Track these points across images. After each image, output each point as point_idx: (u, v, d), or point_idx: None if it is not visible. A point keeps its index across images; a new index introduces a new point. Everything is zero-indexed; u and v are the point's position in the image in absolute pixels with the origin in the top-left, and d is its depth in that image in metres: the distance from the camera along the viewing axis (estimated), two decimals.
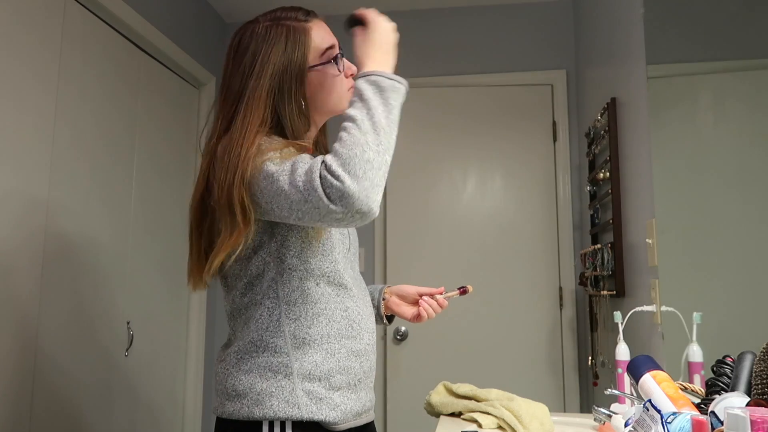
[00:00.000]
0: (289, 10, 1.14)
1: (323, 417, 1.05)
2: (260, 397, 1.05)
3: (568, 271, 2.83)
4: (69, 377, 1.98)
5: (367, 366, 1.15)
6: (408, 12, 3.12)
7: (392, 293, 1.38)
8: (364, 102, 0.97)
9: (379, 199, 0.93)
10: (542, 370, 2.79)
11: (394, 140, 0.97)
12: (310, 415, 1.05)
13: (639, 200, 1.85)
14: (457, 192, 2.94)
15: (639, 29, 1.81)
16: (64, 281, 1.98)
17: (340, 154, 0.92)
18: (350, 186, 0.90)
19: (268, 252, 1.08)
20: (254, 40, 1.11)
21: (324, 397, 1.07)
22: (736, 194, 1.26)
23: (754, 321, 1.17)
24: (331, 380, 1.08)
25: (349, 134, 0.94)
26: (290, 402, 1.05)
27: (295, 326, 1.08)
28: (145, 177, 2.48)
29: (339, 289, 1.12)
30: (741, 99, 1.25)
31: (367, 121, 0.95)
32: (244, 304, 1.11)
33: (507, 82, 3.00)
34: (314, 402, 1.06)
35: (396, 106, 0.99)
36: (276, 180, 0.96)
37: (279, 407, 1.04)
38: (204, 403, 2.90)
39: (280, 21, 1.12)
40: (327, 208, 0.91)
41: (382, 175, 0.94)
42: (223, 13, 3.16)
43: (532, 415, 1.35)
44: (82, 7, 2.11)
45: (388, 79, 0.99)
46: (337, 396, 1.08)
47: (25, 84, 1.82)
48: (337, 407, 1.07)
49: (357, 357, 1.12)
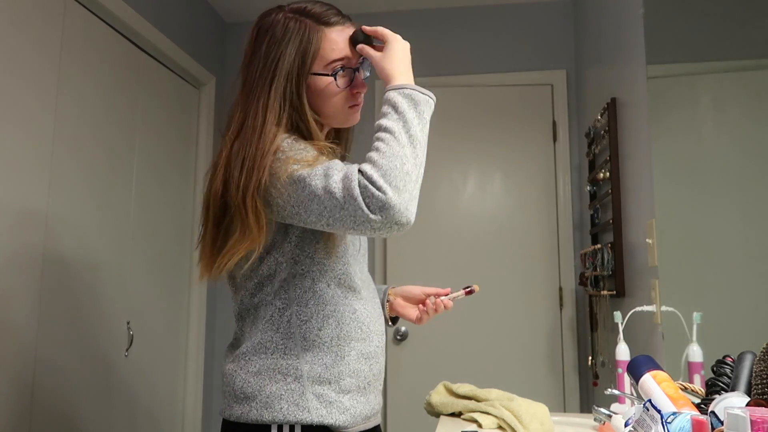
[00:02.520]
0: (318, 5, 1.10)
1: (333, 421, 1.04)
2: (269, 400, 1.04)
3: (568, 271, 2.83)
4: (69, 377, 1.98)
5: (376, 369, 1.14)
6: (408, 12, 3.12)
7: (397, 295, 1.35)
8: (399, 114, 0.97)
9: (415, 211, 0.94)
10: (542, 370, 2.79)
11: (425, 153, 0.99)
12: (320, 419, 1.03)
13: (639, 200, 1.85)
14: (457, 192, 2.94)
15: (639, 29, 1.81)
16: (64, 281, 1.97)
17: (380, 165, 0.92)
18: (392, 198, 0.90)
19: (282, 253, 1.07)
20: (271, 30, 1.08)
21: (334, 400, 1.05)
22: (736, 194, 1.26)
23: (754, 321, 1.17)
24: (341, 383, 1.07)
25: (388, 146, 0.94)
26: (300, 405, 1.03)
27: (305, 328, 1.07)
28: (145, 177, 2.48)
29: (349, 292, 1.11)
30: (741, 99, 1.25)
31: (404, 134, 0.95)
32: (254, 304, 1.10)
33: (507, 82, 3.00)
34: (324, 405, 1.04)
35: (428, 121, 1.00)
36: (307, 185, 0.95)
37: (288, 410, 1.03)
38: (204, 403, 2.90)
39: (302, 17, 1.08)
40: (366, 217, 0.91)
41: (418, 188, 0.95)
42: (223, 13, 3.16)
43: (532, 415, 1.35)
44: (82, 7, 2.11)
45: (421, 94, 1.00)
46: (347, 399, 1.07)
47: (25, 83, 1.82)
48: (346, 411, 1.06)
49: (367, 360, 1.11)
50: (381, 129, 0.97)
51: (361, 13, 3.12)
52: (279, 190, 0.97)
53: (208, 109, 3.00)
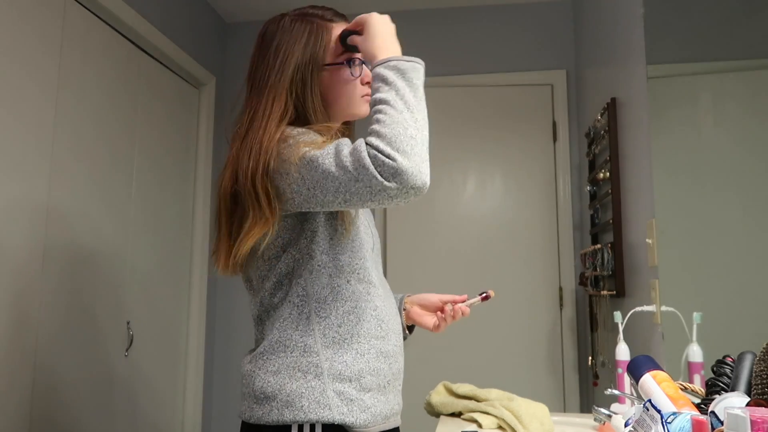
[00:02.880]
0: (319, 8, 1.16)
1: (354, 419, 1.03)
2: (290, 398, 1.02)
3: (568, 271, 2.83)
4: (69, 377, 1.98)
5: (396, 368, 1.13)
6: (408, 12, 3.12)
7: (413, 303, 1.33)
8: (389, 85, 0.98)
9: (428, 173, 0.94)
10: (542, 370, 2.79)
11: (426, 116, 0.99)
12: (341, 417, 1.02)
13: (639, 200, 1.85)
14: (458, 192, 2.94)
15: (639, 29, 1.81)
16: (64, 281, 1.98)
17: (383, 134, 0.92)
18: (402, 163, 0.91)
19: (298, 249, 1.07)
20: (279, 33, 1.13)
21: (355, 398, 1.04)
22: (736, 194, 1.26)
23: (754, 321, 1.17)
24: (361, 381, 1.06)
25: (386, 114, 0.94)
26: (321, 403, 1.02)
27: (325, 324, 1.06)
28: (145, 177, 2.48)
29: (369, 287, 1.11)
30: (741, 99, 1.25)
31: (399, 101, 0.96)
32: (274, 304, 1.09)
33: (507, 82, 3.00)
34: (345, 403, 1.03)
35: (419, 85, 1.00)
36: (320, 164, 0.95)
37: (310, 408, 1.02)
38: (204, 403, 2.90)
39: (307, 16, 1.14)
40: (381, 185, 0.91)
41: (426, 149, 0.95)
42: (223, 14, 3.16)
43: (532, 415, 1.35)
44: (82, 7, 2.11)
45: (405, 62, 1.00)
46: (368, 398, 1.06)
47: (25, 83, 1.82)
48: (367, 409, 1.05)
49: (386, 358, 1.10)
50: (376, 102, 0.98)
51: (361, 14, 3.11)
52: (292, 176, 0.98)
53: (208, 109, 3.00)
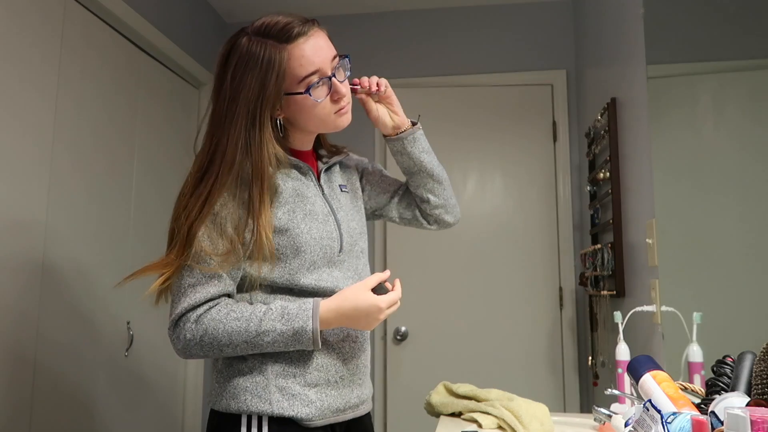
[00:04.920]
0: (283, 19, 1.07)
1: (295, 413, 1.07)
2: (236, 392, 1.09)
3: (568, 271, 2.83)
4: (69, 377, 1.98)
5: (353, 363, 1.16)
6: (408, 12, 3.12)
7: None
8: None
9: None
10: (542, 370, 2.79)
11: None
12: (281, 411, 1.07)
13: (639, 200, 1.85)
14: (458, 192, 2.94)
15: (639, 29, 1.81)
16: (64, 281, 1.97)
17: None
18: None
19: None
20: (235, 59, 1.07)
21: (298, 393, 1.09)
22: (736, 194, 1.26)
23: (754, 321, 1.17)
24: (306, 377, 1.10)
25: None
26: (262, 398, 1.08)
27: None
28: (145, 177, 2.48)
29: (300, 294, 1.12)
30: (741, 99, 1.25)
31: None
32: None
33: (507, 82, 3.00)
34: (287, 398, 1.08)
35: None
36: (184, 277, 1.20)
37: (252, 402, 1.08)
38: (203, 403, 2.90)
39: (265, 39, 1.06)
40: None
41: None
42: (222, 13, 3.16)
43: (532, 415, 1.35)
44: (82, 7, 2.11)
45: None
46: (314, 393, 1.10)
47: (24, 83, 1.82)
48: (311, 404, 1.09)
49: (338, 354, 1.13)
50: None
51: (361, 13, 3.11)
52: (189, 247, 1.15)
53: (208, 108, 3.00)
